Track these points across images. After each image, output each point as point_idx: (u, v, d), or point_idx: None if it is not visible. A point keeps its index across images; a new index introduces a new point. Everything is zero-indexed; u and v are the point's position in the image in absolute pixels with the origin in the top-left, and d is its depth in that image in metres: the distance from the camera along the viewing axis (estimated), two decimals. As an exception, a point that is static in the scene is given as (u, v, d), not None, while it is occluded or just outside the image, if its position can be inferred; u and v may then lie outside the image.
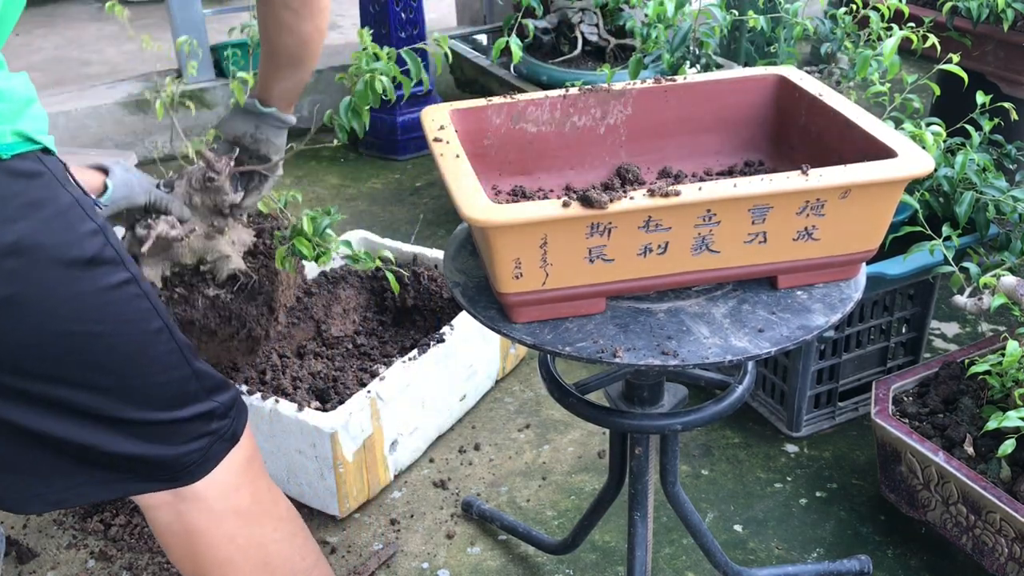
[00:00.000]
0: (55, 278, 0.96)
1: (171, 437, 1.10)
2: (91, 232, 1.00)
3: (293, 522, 1.27)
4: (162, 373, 1.08)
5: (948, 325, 2.36)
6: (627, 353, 1.04)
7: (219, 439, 1.15)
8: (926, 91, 2.02)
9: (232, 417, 1.17)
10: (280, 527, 1.24)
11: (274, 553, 1.23)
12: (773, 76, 1.32)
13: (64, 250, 0.96)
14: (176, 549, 1.20)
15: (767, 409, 2.06)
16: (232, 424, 1.17)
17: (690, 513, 1.52)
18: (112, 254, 1.02)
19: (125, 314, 1.03)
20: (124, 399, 1.05)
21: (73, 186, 1.01)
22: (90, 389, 1.02)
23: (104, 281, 1.00)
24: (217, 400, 1.15)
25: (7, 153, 0.92)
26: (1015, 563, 1.49)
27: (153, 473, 1.11)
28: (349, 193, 3.15)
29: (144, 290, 1.06)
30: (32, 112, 0.99)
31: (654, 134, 1.32)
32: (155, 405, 1.07)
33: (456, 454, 2.02)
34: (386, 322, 2.22)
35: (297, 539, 1.27)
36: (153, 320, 1.06)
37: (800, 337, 1.06)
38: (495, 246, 1.01)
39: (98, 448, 1.05)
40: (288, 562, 1.24)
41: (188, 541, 1.18)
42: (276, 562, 1.23)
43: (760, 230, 1.06)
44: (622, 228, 1.01)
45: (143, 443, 1.08)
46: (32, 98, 1.00)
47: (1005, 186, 1.81)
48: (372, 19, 3.29)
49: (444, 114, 1.21)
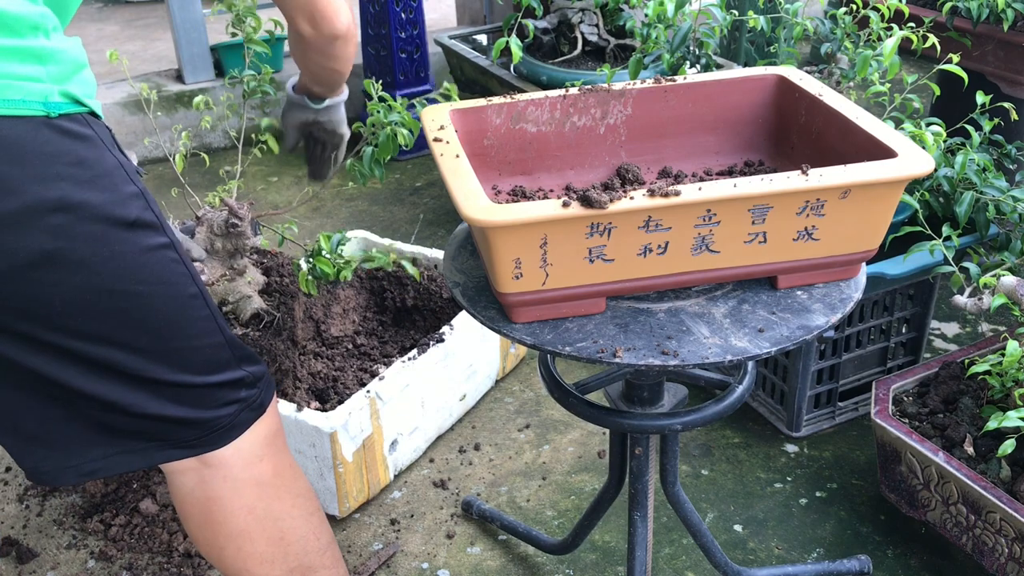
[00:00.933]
0: (99, 236, 0.98)
1: (202, 401, 1.13)
2: (133, 195, 1.02)
3: (311, 501, 1.28)
4: (197, 338, 1.10)
5: (948, 325, 2.37)
6: (627, 353, 1.04)
7: (247, 407, 1.18)
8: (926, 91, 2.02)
9: (260, 388, 1.20)
10: (298, 504, 1.25)
11: (289, 528, 1.24)
12: (773, 76, 1.32)
13: (109, 209, 0.99)
14: (194, 517, 1.22)
15: (767, 409, 2.06)
16: (260, 394, 1.20)
17: (690, 513, 1.52)
18: (152, 218, 1.05)
19: (164, 276, 1.05)
20: (160, 360, 1.07)
21: (117, 151, 1.03)
22: (128, 348, 1.04)
23: (145, 242, 1.03)
24: (247, 370, 1.18)
25: (55, 111, 0.95)
26: (1015, 563, 1.49)
27: (182, 438, 1.13)
28: (349, 193, 3.15)
29: (180, 256, 1.09)
30: (82, 76, 1.01)
31: (654, 134, 1.32)
32: (189, 368, 1.10)
33: (456, 454, 2.02)
34: (386, 322, 2.22)
35: (313, 519, 1.28)
36: (189, 285, 1.09)
37: (800, 337, 1.06)
38: (495, 246, 1.01)
39: (132, 409, 1.07)
40: (303, 540, 1.26)
41: (207, 508, 1.20)
42: (291, 538, 1.24)
43: (760, 230, 1.06)
44: (622, 228, 1.01)
45: (175, 405, 1.10)
46: (82, 63, 1.02)
47: (1005, 186, 1.81)
48: (372, 19, 3.29)
49: (444, 114, 1.21)
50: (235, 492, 1.19)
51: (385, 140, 1.77)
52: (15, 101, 0.92)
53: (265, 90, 1.94)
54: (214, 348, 1.13)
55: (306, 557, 1.26)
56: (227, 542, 1.21)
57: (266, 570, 1.24)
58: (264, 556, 1.23)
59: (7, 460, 2.03)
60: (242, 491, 1.19)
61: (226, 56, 3.44)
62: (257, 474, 1.20)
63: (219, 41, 3.51)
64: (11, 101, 0.92)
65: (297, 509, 1.25)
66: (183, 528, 1.79)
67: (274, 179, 3.29)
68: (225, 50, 3.44)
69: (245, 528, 1.20)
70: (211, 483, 1.18)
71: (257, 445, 1.20)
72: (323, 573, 1.29)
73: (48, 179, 0.94)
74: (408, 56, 3.32)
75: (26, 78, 0.93)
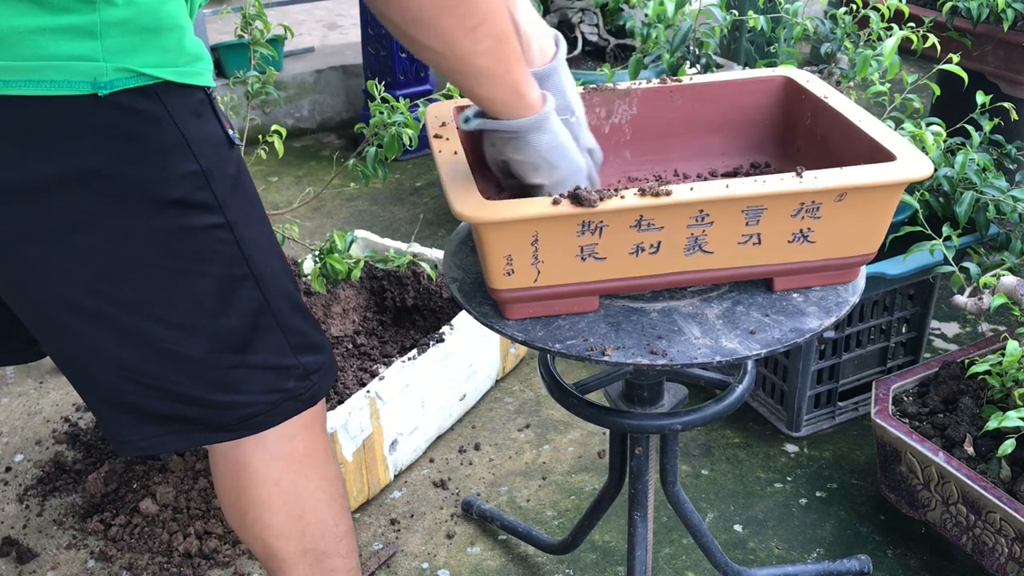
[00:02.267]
0: (135, 209, 0.98)
1: (240, 385, 1.11)
2: (189, 173, 1.00)
3: (337, 487, 1.28)
4: (238, 317, 1.08)
5: (948, 325, 2.36)
6: (616, 351, 1.04)
7: (291, 398, 1.16)
8: (926, 91, 2.02)
9: (314, 380, 1.18)
10: (323, 487, 1.25)
11: (311, 508, 1.24)
12: (780, 77, 1.31)
13: (149, 186, 0.98)
14: (224, 479, 1.22)
15: (767, 409, 2.06)
16: (312, 387, 1.18)
17: (690, 513, 1.52)
18: (206, 197, 1.02)
19: (204, 255, 1.04)
20: (195, 337, 1.06)
21: (196, 122, 1.01)
22: (164, 322, 1.04)
23: (185, 222, 1.01)
24: (301, 360, 1.15)
25: (105, 89, 0.92)
26: (1015, 563, 1.49)
27: (222, 422, 1.12)
28: (349, 193, 3.15)
29: (237, 237, 1.06)
30: (160, 43, 0.96)
31: (659, 134, 1.32)
32: (227, 348, 1.08)
33: (456, 454, 2.02)
34: (386, 322, 2.22)
35: (336, 504, 1.27)
36: (238, 266, 1.07)
37: (792, 340, 1.05)
38: (486, 242, 1.01)
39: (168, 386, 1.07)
40: (322, 522, 1.25)
41: (236, 472, 1.20)
42: (310, 517, 1.24)
43: (754, 231, 1.05)
44: (613, 227, 1.01)
45: (211, 386, 1.09)
46: (162, 26, 0.95)
47: (1005, 186, 1.81)
48: (372, 19, 3.29)
49: (448, 111, 1.21)
50: (265, 462, 1.19)
51: (390, 140, 1.78)
52: (57, 82, 0.90)
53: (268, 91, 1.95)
54: (261, 331, 1.10)
55: (322, 541, 1.26)
56: (248, 507, 1.22)
57: (281, 544, 1.24)
58: (281, 530, 1.23)
59: (7, 460, 2.03)
60: (272, 462, 1.19)
61: (226, 56, 3.44)
62: (289, 449, 1.20)
63: (219, 41, 3.51)
64: (53, 82, 0.90)
65: (321, 492, 1.25)
66: (183, 528, 1.79)
67: (274, 179, 3.30)
68: (225, 50, 3.44)
69: (268, 499, 1.21)
70: (243, 448, 1.18)
71: (295, 424, 1.19)
72: (336, 561, 1.29)
73: (87, 151, 0.93)
74: (408, 56, 3.32)
75: (73, 57, 0.91)
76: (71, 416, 2.15)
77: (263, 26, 1.86)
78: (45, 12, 0.89)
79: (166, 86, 0.97)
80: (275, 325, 1.12)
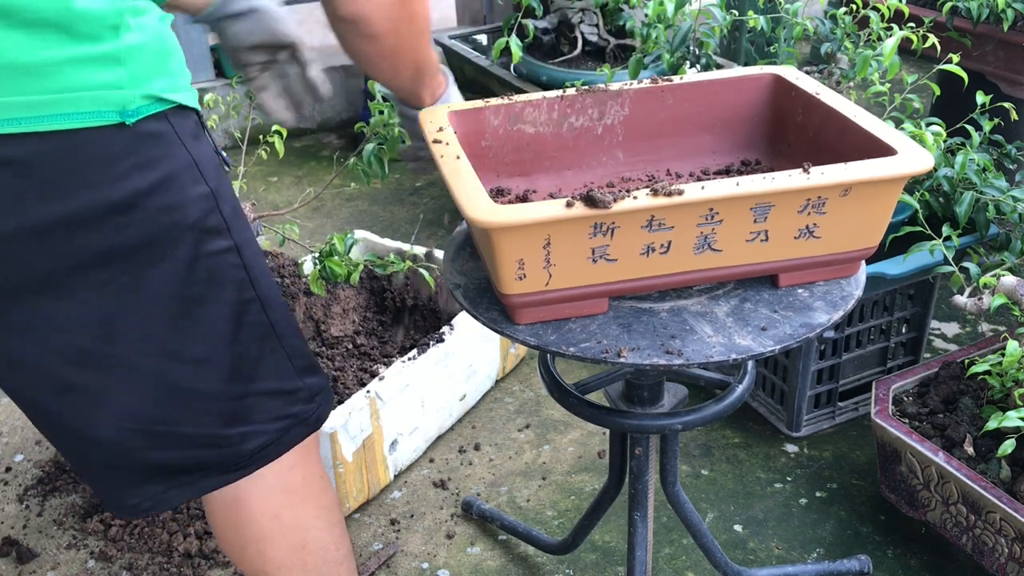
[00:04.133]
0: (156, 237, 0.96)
1: (250, 414, 1.09)
2: (200, 196, 0.99)
3: (334, 513, 1.27)
4: (245, 344, 1.06)
5: (948, 325, 2.37)
6: (631, 353, 1.04)
7: (299, 422, 1.15)
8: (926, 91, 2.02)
9: (318, 403, 1.17)
10: (322, 515, 1.24)
11: (312, 538, 1.23)
12: (769, 75, 1.32)
13: (171, 212, 0.96)
14: (220, 516, 1.20)
15: (767, 409, 2.06)
16: (317, 409, 1.17)
17: (690, 513, 1.52)
18: (217, 222, 1.01)
19: (217, 280, 1.02)
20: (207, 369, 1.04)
21: (196, 144, 1.00)
22: (178, 358, 1.02)
23: (202, 248, 1.00)
24: (306, 382, 1.15)
25: (132, 118, 0.91)
26: (1015, 563, 1.49)
27: (233, 459, 1.10)
28: (349, 193, 3.15)
29: (245, 261, 1.05)
30: (169, 67, 0.96)
31: (651, 134, 1.32)
32: (236, 377, 1.07)
33: (456, 454, 2.02)
34: (386, 322, 2.22)
35: (335, 530, 1.27)
36: (244, 290, 1.05)
37: (803, 335, 1.06)
38: (498, 247, 1.00)
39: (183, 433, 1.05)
40: (323, 549, 1.25)
41: (235, 510, 1.18)
42: (312, 546, 1.23)
43: (762, 228, 1.06)
44: (625, 228, 1.01)
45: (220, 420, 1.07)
46: (168, 51, 0.97)
47: (1005, 186, 1.81)
48: (372, 19, 3.28)
49: (442, 116, 1.21)
50: (263, 496, 1.17)
51: (392, 140, 1.78)
52: (88, 113, 0.89)
53: None
54: (268, 355, 1.09)
55: (324, 567, 1.26)
56: (249, 543, 1.20)
57: (284, 575, 1.23)
58: (283, 562, 1.22)
59: (7, 460, 2.03)
60: (270, 496, 1.18)
61: (226, 56, 3.44)
62: (287, 482, 1.18)
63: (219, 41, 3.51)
64: (84, 114, 0.88)
65: (321, 520, 1.24)
66: (183, 528, 1.79)
67: (274, 179, 3.29)
68: (225, 50, 3.44)
69: (268, 533, 1.19)
70: (240, 485, 1.16)
71: (293, 455, 1.17)
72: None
73: (117, 181, 0.91)
74: (408, 56, 3.31)
75: (102, 87, 0.89)
76: (70, 416, 2.14)
77: None
78: (74, 41, 0.87)
79: (174, 109, 0.97)
80: (280, 348, 1.11)
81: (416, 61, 1.18)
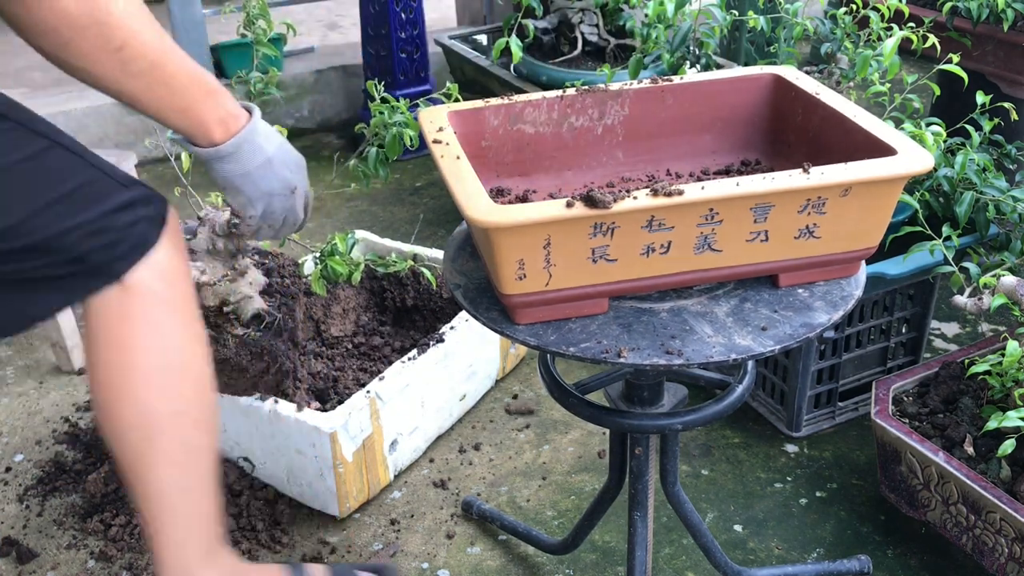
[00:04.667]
0: None
1: (104, 230, 1.11)
2: None
3: (203, 346, 1.25)
4: (67, 182, 1.09)
5: (948, 325, 2.37)
6: (631, 353, 1.04)
7: (149, 222, 1.15)
8: (926, 91, 2.02)
9: (156, 203, 1.17)
10: (196, 330, 1.22)
11: (190, 362, 1.21)
12: (769, 75, 1.32)
13: None
14: (101, 335, 1.17)
15: (767, 409, 2.06)
16: (159, 208, 1.17)
17: (690, 513, 1.52)
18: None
19: (5, 148, 1.06)
20: (43, 218, 1.07)
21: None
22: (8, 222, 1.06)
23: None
24: (135, 191, 1.15)
25: None
26: (1015, 563, 1.49)
27: (100, 266, 1.12)
28: (349, 193, 3.15)
29: (18, 121, 1.09)
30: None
31: (651, 134, 1.32)
32: (73, 213, 1.09)
33: (456, 454, 2.02)
34: (386, 322, 2.22)
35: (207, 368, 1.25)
36: (36, 142, 1.09)
37: (803, 335, 1.06)
38: (498, 247, 1.01)
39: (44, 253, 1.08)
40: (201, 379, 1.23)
41: (117, 324, 1.16)
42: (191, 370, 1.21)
43: (762, 228, 1.06)
44: (625, 228, 1.01)
45: (83, 243, 1.09)
46: None
47: (1005, 186, 1.81)
48: (372, 19, 3.29)
49: (442, 116, 1.21)
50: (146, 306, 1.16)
51: (391, 141, 1.79)
52: None
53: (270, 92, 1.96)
54: (92, 183, 1.12)
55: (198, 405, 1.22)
56: (137, 356, 1.18)
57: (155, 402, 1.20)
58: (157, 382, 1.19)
59: (7, 460, 2.03)
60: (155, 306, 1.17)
61: (226, 56, 3.44)
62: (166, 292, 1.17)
63: (219, 41, 3.51)
64: None
65: (198, 344, 1.22)
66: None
67: (274, 179, 3.29)
68: (225, 50, 3.44)
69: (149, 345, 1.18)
70: (124, 298, 1.15)
71: (162, 259, 1.16)
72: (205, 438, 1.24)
73: None
74: (408, 56, 3.32)
75: None
76: (71, 416, 2.14)
77: (266, 25, 1.87)
78: None
79: None
80: (100, 172, 1.13)
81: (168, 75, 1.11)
